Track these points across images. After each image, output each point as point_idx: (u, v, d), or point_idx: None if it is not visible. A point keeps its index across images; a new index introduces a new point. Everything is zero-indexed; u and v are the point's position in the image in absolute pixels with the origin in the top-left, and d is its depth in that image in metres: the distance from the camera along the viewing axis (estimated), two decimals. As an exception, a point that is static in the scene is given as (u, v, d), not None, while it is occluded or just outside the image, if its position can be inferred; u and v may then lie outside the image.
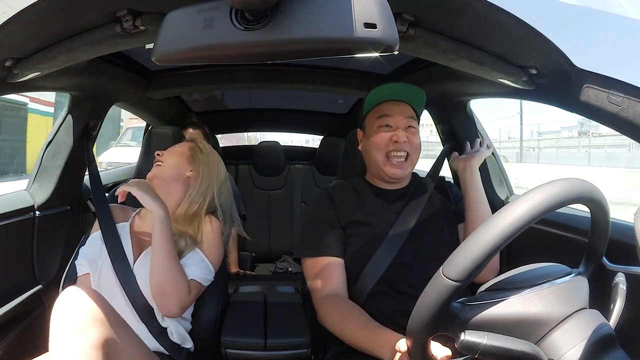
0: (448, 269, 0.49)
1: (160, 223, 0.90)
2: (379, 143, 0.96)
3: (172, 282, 0.88)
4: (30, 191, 1.21)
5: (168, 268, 0.88)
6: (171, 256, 0.90)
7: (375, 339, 0.74)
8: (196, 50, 0.49)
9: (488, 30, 0.69)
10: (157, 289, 0.88)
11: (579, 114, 0.72)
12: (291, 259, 2.17)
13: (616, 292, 0.60)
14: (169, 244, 0.90)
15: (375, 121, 0.98)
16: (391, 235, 0.93)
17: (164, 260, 0.89)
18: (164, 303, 0.88)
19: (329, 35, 0.46)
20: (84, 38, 0.71)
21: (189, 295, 0.91)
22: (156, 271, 0.88)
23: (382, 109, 0.99)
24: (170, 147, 1.11)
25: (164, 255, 0.89)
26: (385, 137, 0.95)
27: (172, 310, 0.89)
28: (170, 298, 0.88)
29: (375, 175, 1.03)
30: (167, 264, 0.88)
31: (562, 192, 0.48)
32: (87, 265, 0.94)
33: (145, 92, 1.47)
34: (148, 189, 0.94)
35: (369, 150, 0.99)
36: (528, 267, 0.58)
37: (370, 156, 0.99)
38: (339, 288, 0.91)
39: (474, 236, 0.48)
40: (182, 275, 0.90)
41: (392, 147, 0.95)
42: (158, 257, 0.89)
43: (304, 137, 17.55)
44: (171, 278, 0.88)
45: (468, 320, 0.51)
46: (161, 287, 0.88)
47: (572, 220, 0.97)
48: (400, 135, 0.94)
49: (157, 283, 0.88)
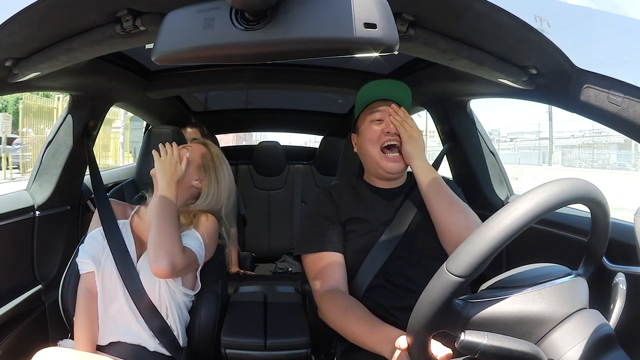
0: (452, 265, 0.49)
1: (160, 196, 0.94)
2: (372, 137, 0.99)
3: (167, 236, 0.88)
4: (30, 191, 1.21)
5: (164, 224, 0.90)
6: (170, 215, 0.92)
7: (375, 335, 0.74)
8: (196, 50, 0.49)
9: (488, 30, 0.69)
10: (152, 243, 0.88)
11: (579, 114, 0.72)
12: (291, 258, 2.17)
13: (616, 292, 0.60)
14: (171, 211, 0.93)
15: (367, 117, 1.02)
16: (388, 231, 0.95)
17: (162, 222, 0.90)
18: (156, 257, 0.86)
19: (329, 35, 0.46)
20: (83, 38, 0.70)
21: (181, 254, 0.88)
22: (154, 229, 0.89)
23: (373, 106, 1.03)
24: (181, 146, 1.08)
25: (163, 216, 0.91)
26: (377, 131, 0.99)
27: (162, 265, 0.85)
28: (162, 251, 0.86)
29: (372, 172, 1.04)
30: (164, 221, 0.90)
31: (564, 192, 0.49)
32: (91, 263, 0.93)
33: (145, 92, 1.47)
34: (168, 167, 0.98)
35: (363, 147, 1.02)
36: (529, 266, 0.58)
37: (365, 152, 1.01)
38: (339, 283, 0.91)
39: (478, 232, 0.49)
40: (178, 234, 0.91)
41: (384, 139, 0.97)
42: (157, 220, 0.91)
43: (302, 137, 17.56)
44: (166, 232, 0.89)
45: (470, 317, 0.51)
46: (155, 241, 0.88)
47: (572, 220, 0.97)
48: (392, 126, 0.97)
49: (152, 238, 0.89)
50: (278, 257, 2.23)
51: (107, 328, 0.91)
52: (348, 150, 1.23)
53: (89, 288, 0.92)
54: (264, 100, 2.36)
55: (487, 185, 1.31)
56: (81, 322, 0.89)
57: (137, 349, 0.90)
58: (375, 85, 1.03)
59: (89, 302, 0.91)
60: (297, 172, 2.31)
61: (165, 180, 0.97)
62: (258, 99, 2.34)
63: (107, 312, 0.91)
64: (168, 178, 0.97)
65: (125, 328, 0.91)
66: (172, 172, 0.98)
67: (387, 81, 1.05)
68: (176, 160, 1.00)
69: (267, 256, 2.24)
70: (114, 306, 0.91)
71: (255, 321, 1.16)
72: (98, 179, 1.17)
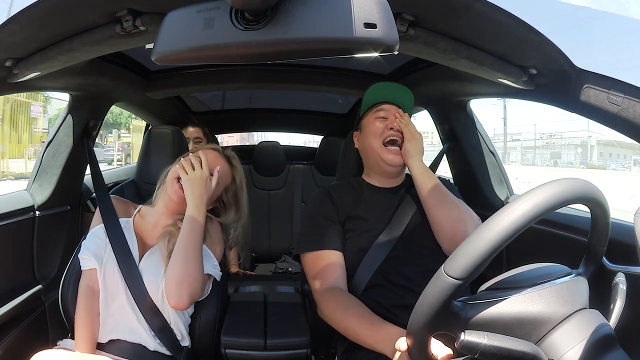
0: (450, 267, 0.49)
1: (192, 218, 0.91)
2: (376, 131, 1.02)
3: (193, 273, 0.88)
4: (30, 191, 1.21)
5: (191, 262, 0.88)
6: (196, 252, 0.89)
7: (376, 333, 0.74)
8: (196, 50, 0.49)
9: (488, 30, 0.69)
10: (175, 278, 0.87)
11: (579, 114, 0.72)
12: (291, 258, 2.17)
13: (616, 292, 0.60)
14: (196, 241, 0.90)
15: (371, 114, 1.06)
16: (387, 230, 0.96)
17: (190, 254, 0.88)
18: (178, 294, 0.86)
19: (329, 35, 0.46)
20: (83, 38, 0.70)
21: (202, 287, 0.91)
22: (178, 263, 0.87)
23: (377, 106, 1.07)
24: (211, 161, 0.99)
25: (191, 250, 0.89)
26: (380, 127, 1.03)
27: (183, 301, 0.87)
28: (185, 288, 0.86)
29: (372, 167, 1.06)
30: (191, 258, 0.88)
31: (563, 192, 0.48)
32: (93, 260, 0.92)
33: (145, 92, 1.47)
34: (198, 185, 0.93)
35: (366, 141, 1.04)
36: (529, 266, 0.58)
37: (367, 146, 1.04)
38: (339, 281, 0.92)
39: (476, 234, 0.49)
40: (202, 268, 0.91)
41: (387, 133, 1.01)
42: (184, 250, 0.88)
43: (301, 137, 17.56)
44: (192, 269, 0.88)
45: (469, 319, 0.51)
46: (180, 276, 0.86)
47: (572, 220, 0.97)
48: (394, 123, 1.01)
49: (176, 272, 0.87)
50: (278, 257, 2.23)
51: (107, 326, 0.91)
52: (348, 150, 1.23)
53: (90, 285, 0.92)
54: (264, 100, 2.36)
55: (487, 185, 1.31)
56: (81, 319, 0.89)
57: (136, 348, 0.90)
58: (382, 87, 1.08)
59: (89, 299, 0.91)
60: (297, 172, 2.31)
61: (195, 202, 0.92)
62: (258, 99, 2.34)
63: (109, 310, 0.91)
64: (198, 200, 0.92)
65: (126, 326, 0.90)
66: (203, 192, 0.93)
67: (393, 84, 1.10)
68: (206, 177, 0.95)
69: (267, 256, 2.24)
70: (115, 304, 0.91)
71: (255, 321, 1.16)
72: (99, 177, 1.17)
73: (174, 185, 0.95)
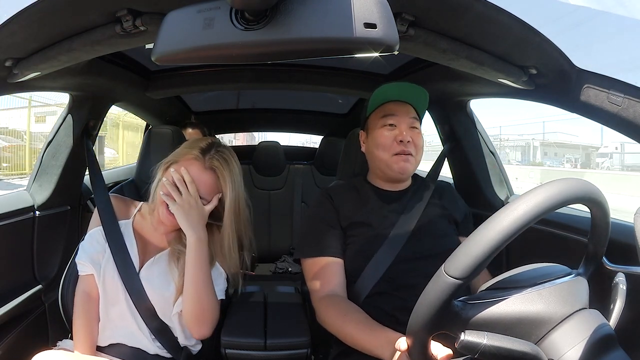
0: (450, 267, 0.49)
1: (195, 250, 0.85)
2: (384, 143, 0.96)
3: (209, 309, 0.87)
4: (30, 191, 1.21)
5: (205, 296, 0.86)
6: (207, 283, 0.86)
7: (375, 338, 0.73)
8: (196, 50, 0.49)
9: (488, 30, 0.69)
10: (194, 316, 0.86)
11: (579, 114, 0.72)
12: (291, 259, 2.17)
13: (616, 292, 0.60)
14: (205, 272, 0.86)
15: (379, 120, 0.98)
16: (392, 236, 0.93)
17: (201, 289, 0.85)
18: (200, 329, 0.87)
19: (329, 35, 0.46)
20: (84, 38, 0.70)
21: (218, 314, 0.90)
22: (192, 300, 0.85)
23: (386, 109, 0.99)
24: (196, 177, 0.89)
25: (202, 284, 0.86)
26: (389, 137, 0.95)
27: (206, 333, 0.88)
28: (207, 323, 0.87)
29: (380, 174, 1.02)
30: (204, 292, 0.86)
31: (563, 192, 0.49)
32: (90, 266, 0.90)
33: (145, 92, 1.47)
34: (190, 212, 0.85)
35: (373, 151, 0.99)
36: (529, 266, 0.58)
37: (375, 156, 0.99)
38: (338, 288, 0.91)
39: (476, 234, 0.49)
40: (216, 300, 0.89)
41: (397, 148, 0.94)
42: (195, 286, 0.85)
43: (301, 138, 17.51)
44: (207, 306, 0.86)
45: (469, 319, 0.51)
46: (198, 314, 0.86)
47: (572, 220, 0.97)
48: (404, 134, 0.94)
49: (193, 311, 0.85)
50: (278, 257, 2.23)
51: (107, 331, 0.90)
52: (348, 150, 1.23)
53: (87, 291, 0.90)
54: (264, 100, 2.35)
55: (487, 185, 1.31)
56: (79, 325, 0.87)
57: (137, 352, 0.89)
58: (393, 86, 0.99)
59: (86, 305, 0.89)
60: (297, 172, 2.31)
61: (194, 231, 0.85)
62: (258, 99, 2.34)
63: (109, 316, 0.90)
64: (196, 228, 0.86)
65: (125, 331, 0.90)
66: (198, 218, 0.86)
67: (406, 84, 1.01)
68: (196, 199, 0.87)
69: (267, 256, 2.24)
70: (115, 309, 0.90)
71: (255, 321, 1.16)
72: (99, 177, 1.16)
73: (163, 211, 0.88)
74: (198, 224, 0.87)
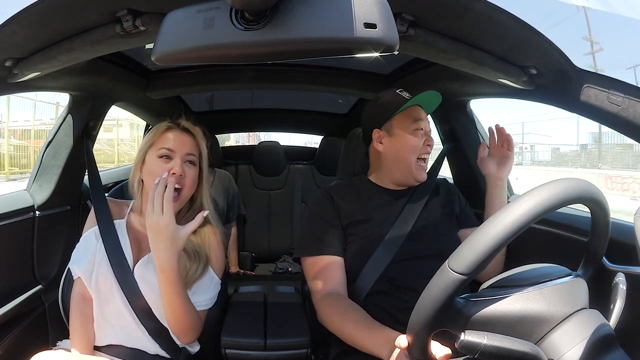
0: (454, 262, 0.49)
1: (163, 281, 0.83)
2: (415, 145, 1.00)
3: (188, 325, 0.88)
4: (30, 191, 1.21)
5: (181, 315, 0.86)
6: (182, 304, 0.85)
7: (373, 337, 0.74)
8: (196, 50, 0.49)
9: (488, 30, 0.69)
10: (175, 330, 0.88)
11: (579, 114, 0.72)
12: (291, 258, 2.17)
13: (616, 292, 0.60)
14: (178, 295, 0.84)
15: (411, 124, 1.01)
16: (391, 234, 0.94)
17: (177, 312, 0.86)
18: (182, 339, 0.90)
19: (329, 35, 0.46)
20: (84, 38, 0.70)
21: (202, 323, 0.91)
22: (170, 319, 0.87)
23: (415, 113, 1.02)
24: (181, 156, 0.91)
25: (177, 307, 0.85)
26: (420, 141, 1.00)
27: (190, 341, 0.92)
28: (188, 334, 0.89)
29: (395, 175, 1.03)
30: (180, 313, 0.86)
31: (565, 191, 0.49)
32: (81, 269, 0.90)
33: (145, 92, 1.47)
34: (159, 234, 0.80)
35: (400, 152, 1.01)
36: (530, 266, 0.59)
37: (400, 157, 1.01)
38: (338, 287, 0.91)
39: (480, 230, 0.49)
40: (196, 314, 0.89)
41: (424, 150, 1.00)
42: (171, 309, 0.86)
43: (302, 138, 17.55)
44: (186, 323, 0.87)
45: (471, 316, 0.51)
46: (178, 329, 0.88)
47: (572, 220, 0.97)
48: (430, 140, 1.01)
49: (176, 327, 0.88)
50: (278, 257, 2.23)
51: (104, 330, 0.90)
52: (348, 150, 1.23)
53: (82, 292, 0.90)
54: (264, 100, 2.35)
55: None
56: (74, 325, 0.88)
57: (136, 353, 0.89)
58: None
59: (80, 305, 0.89)
60: (297, 172, 2.31)
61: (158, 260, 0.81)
62: (258, 99, 2.34)
63: (103, 315, 0.90)
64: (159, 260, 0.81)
65: (124, 331, 0.89)
66: (169, 244, 0.80)
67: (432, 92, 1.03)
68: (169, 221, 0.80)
69: (267, 256, 2.24)
70: (110, 308, 0.89)
71: (255, 321, 1.16)
72: (96, 178, 1.16)
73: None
74: (166, 250, 0.80)
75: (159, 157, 0.91)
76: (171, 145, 0.91)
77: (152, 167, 0.90)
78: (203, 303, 0.92)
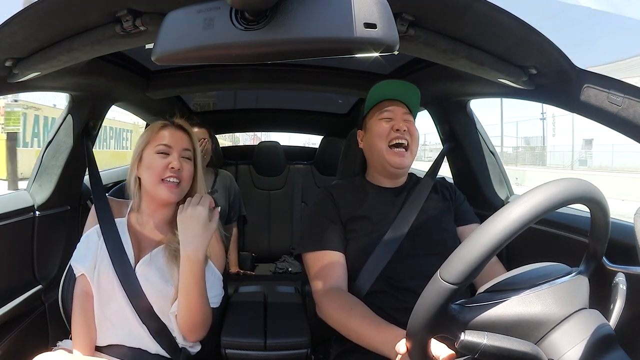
0: (445, 272, 0.49)
1: (190, 271, 0.85)
2: (381, 132, 1.00)
3: (201, 320, 0.88)
4: (30, 191, 1.21)
5: (197, 310, 0.87)
6: (200, 298, 0.87)
7: (381, 335, 0.73)
8: (196, 50, 0.49)
9: (488, 30, 0.69)
10: (187, 326, 0.88)
11: (579, 114, 0.72)
12: (291, 258, 2.17)
13: (616, 292, 0.60)
14: (199, 288, 0.86)
15: (376, 115, 1.03)
16: (390, 232, 0.94)
17: (194, 305, 0.87)
18: (191, 335, 0.90)
19: (329, 35, 0.46)
20: (84, 38, 0.71)
21: (211, 321, 0.92)
22: (185, 313, 0.87)
23: (382, 105, 1.04)
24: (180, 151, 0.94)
25: (195, 301, 0.86)
26: (386, 127, 1.00)
27: (198, 339, 0.92)
28: (199, 331, 0.90)
29: (377, 169, 1.04)
30: (197, 307, 0.87)
31: (562, 193, 0.48)
32: (82, 266, 0.91)
33: (145, 92, 1.47)
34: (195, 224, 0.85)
35: (371, 142, 1.02)
36: (527, 267, 0.58)
37: (373, 147, 1.02)
38: (340, 283, 0.91)
39: (471, 238, 0.49)
40: (209, 310, 0.90)
41: (393, 135, 0.99)
42: (187, 302, 0.86)
43: (302, 138, 17.53)
44: (200, 318, 0.88)
45: (467, 322, 0.51)
46: (190, 325, 0.88)
47: (572, 220, 0.97)
48: (400, 124, 0.99)
49: (186, 322, 0.88)
50: (278, 257, 2.24)
51: (105, 330, 0.90)
52: (348, 150, 1.23)
53: (85, 289, 0.91)
54: (264, 100, 2.36)
55: (487, 185, 1.31)
56: (77, 323, 0.88)
57: (137, 352, 0.89)
58: (386, 85, 1.05)
59: (84, 303, 0.90)
60: (297, 172, 2.32)
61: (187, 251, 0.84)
62: (258, 99, 2.34)
63: (104, 313, 0.90)
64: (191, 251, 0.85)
65: (125, 330, 0.89)
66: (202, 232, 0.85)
67: (398, 82, 1.06)
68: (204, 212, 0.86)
69: (267, 256, 2.24)
70: (111, 307, 0.90)
71: (255, 321, 1.16)
72: (96, 177, 1.17)
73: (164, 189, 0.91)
74: (196, 238, 0.85)
75: (157, 153, 0.93)
76: (168, 142, 0.93)
77: (150, 163, 0.92)
78: (212, 300, 0.92)
